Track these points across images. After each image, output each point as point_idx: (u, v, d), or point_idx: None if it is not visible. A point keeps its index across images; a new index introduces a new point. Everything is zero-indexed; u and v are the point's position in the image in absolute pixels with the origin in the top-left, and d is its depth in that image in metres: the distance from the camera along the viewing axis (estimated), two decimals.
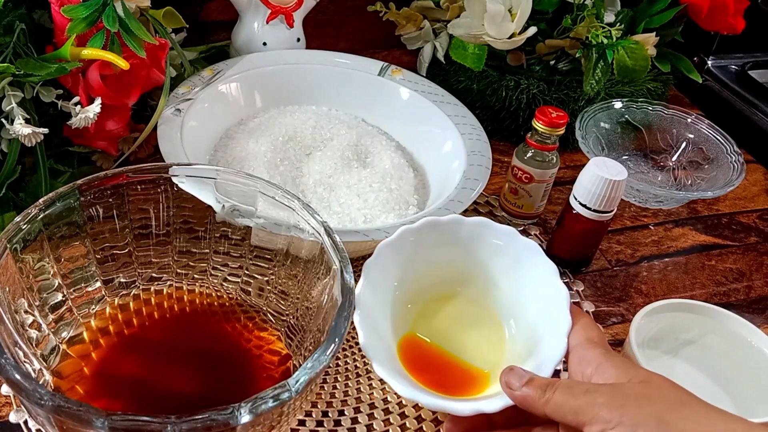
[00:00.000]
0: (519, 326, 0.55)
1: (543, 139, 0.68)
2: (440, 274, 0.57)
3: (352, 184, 0.66)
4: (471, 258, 0.56)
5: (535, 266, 0.54)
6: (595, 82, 0.77)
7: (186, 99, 0.68)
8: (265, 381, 0.49)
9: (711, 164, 0.80)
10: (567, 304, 0.50)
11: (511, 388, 0.44)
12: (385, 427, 0.53)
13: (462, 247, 0.56)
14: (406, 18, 0.86)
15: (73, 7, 0.58)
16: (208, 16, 0.88)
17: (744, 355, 0.57)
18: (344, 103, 0.78)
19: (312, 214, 0.48)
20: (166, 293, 0.54)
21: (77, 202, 0.48)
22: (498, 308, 0.56)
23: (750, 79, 1.04)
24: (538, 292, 0.53)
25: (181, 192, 0.51)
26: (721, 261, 0.74)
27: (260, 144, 0.68)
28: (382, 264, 0.52)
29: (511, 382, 0.44)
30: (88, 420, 0.35)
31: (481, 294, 0.57)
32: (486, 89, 0.82)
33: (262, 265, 0.53)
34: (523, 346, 0.53)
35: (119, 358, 0.49)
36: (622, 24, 0.80)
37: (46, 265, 0.47)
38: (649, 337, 0.59)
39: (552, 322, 0.50)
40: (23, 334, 0.45)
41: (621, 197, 0.64)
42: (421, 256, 0.55)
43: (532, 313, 0.54)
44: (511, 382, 0.44)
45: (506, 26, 0.74)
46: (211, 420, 0.36)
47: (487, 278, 0.56)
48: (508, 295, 0.56)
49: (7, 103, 0.56)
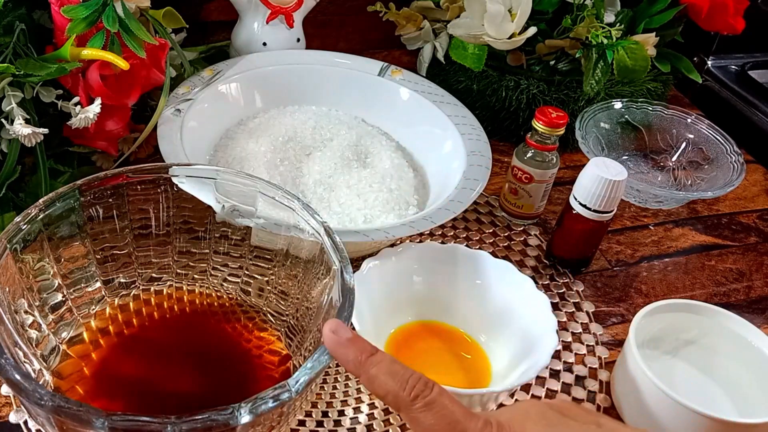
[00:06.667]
0: (506, 340, 0.58)
1: (543, 139, 0.68)
2: (413, 302, 0.59)
3: (352, 185, 0.66)
4: (445, 285, 0.60)
5: (513, 282, 0.58)
6: (595, 83, 0.77)
7: (186, 99, 0.68)
8: (265, 381, 0.49)
9: (711, 164, 0.80)
10: (549, 308, 0.55)
11: (337, 334, 0.39)
12: (385, 427, 0.53)
13: (438, 274, 0.59)
14: (406, 18, 0.86)
15: (73, 7, 0.58)
16: (208, 16, 0.88)
17: (744, 355, 0.57)
18: (344, 103, 0.78)
19: (312, 214, 0.48)
20: (166, 293, 0.54)
21: (77, 202, 0.48)
22: (477, 329, 0.59)
23: (750, 79, 1.04)
24: (522, 305, 0.57)
25: (181, 192, 0.51)
26: (721, 261, 0.74)
27: (260, 144, 0.68)
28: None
29: (338, 329, 0.39)
30: (88, 420, 0.35)
31: (457, 320, 0.60)
32: (486, 89, 0.82)
33: (262, 265, 0.53)
34: (511, 357, 0.56)
35: (119, 358, 0.49)
36: (622, 24, 0.80)
37: (46, 265, 0.47)
38: (649, 337, 0.59)
39: (539, 324, 0.55)
40: (23, 335, 0.45)
41: (621, 197, 0.64)
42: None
43: (519, 325, 0.57)
44: (338, 329, 0.39)
45: (506, 26, 0.74)
46: (211, 420, 0.35)
47: (464, 302, 0.60)
48: (490, 314, 0.59)
49: (7, 103, 0.56)
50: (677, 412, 0.51)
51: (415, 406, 0.36)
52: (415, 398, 0.37)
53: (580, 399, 0.57)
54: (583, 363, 0.60)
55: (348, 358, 0.38)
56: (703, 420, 0.50)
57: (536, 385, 0.58)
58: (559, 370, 0.59)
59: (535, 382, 0.58)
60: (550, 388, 0.58)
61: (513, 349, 0.56)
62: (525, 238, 0.72)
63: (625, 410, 0.56)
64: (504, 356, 0.56)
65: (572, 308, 0.65)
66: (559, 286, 0.67)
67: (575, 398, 0.57)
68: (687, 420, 0.51)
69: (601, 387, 0.59)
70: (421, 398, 0.37)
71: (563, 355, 0.61)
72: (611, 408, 0.57)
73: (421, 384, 0.37)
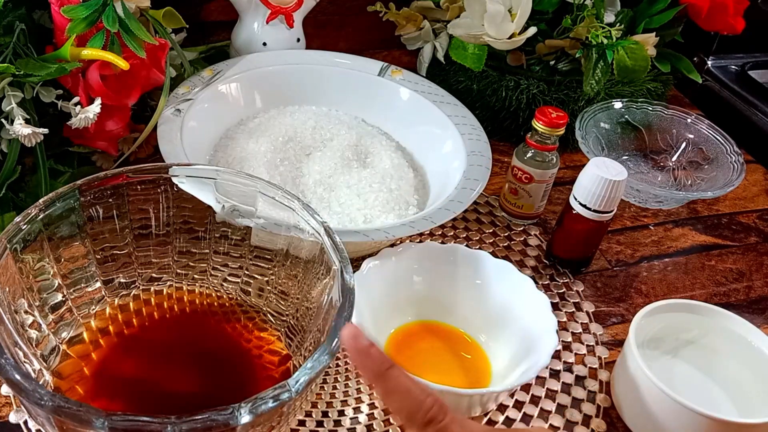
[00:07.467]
0: (506, 339, 0.57)
1: (543, 139, 0.68)
2: (411, 303, 0.59)
3: (352, 184, 0.66)
4: (446, 285, 0.60)
5: (513, 282, 0.58)
6: (595, 83, 0.77)
7: (186, 99, 0.68)
8: (265, 381, 0.49)
9: (711, 164, 0.80)
10: (549, 308, 0.55)
11: (357, 341, 0.38)
12: (385, 427, 0.53)
13: (438, 275, 0.59)
14: (406, 18, 0.86)
15: (73, 7, 0.58)
16: (208, 16, 0.88)
17: (744, 355, 0.57)
18: (344, 103, 0.78)
19: (312, 214, 0.48)
20: (166, 293, 0.54)
21: (77, 202, 0.48)
22: (478, 329, 0.59)
23: (750, 79, 1.04)
24: (522, 305, 0.57)
25: (181, 192, 0.51)
26: (721, 261, 0.74)
27: (260, 144, 0.68)
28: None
29: (359, 336, 0.38)
30: (88, 420, 0.35)
31: (457, 320, 0.60)
32: (486, 89, 0.82)
33: (262, 265, 0.53)
34: (511, 357, 0.56)
35: (119, 358, 0.49)
36: (622, 24, 0.80)
37: (46, 265, 0.47)
38: (649, 337, 0.59)
39: (539, 324, 0.55)
40: (23, 335, 0.45)
41: (621, 197, 0.64)
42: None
43: (519, 325, 0.57)
44: (359, 336, 0.38)
45: (506, 26, 0.74)
46: (211, 420, 0.36)
47: (465, 302, 0.60)
48: (490, 315, 0.59)
49: (7, 104, 0.56)
50: (677, 412, 0.51)
51: (426, 430, 0.37)
52: (429, 423, 0.37)
53: (580, 399, 0.57)
54: (583, 363, 0.60)
55: (366, 366, 0.38)
56: (703, 420, 0.50)
57: (536, 385, 0.58)
58: (559, 370, 0.59)
59: (535, 382, 0.58)
60: (550, 388, 0.58)
61: (513, 349, 0.56)
62: (525, 238, 0.72)
63: (625, 410, 0.56)
64: (504, 356, 0.56)
65: (572, 308, 0.65)
66: (559, 286, 0.67)
67: (575, 398, 0.57)
68: (687, 420, 0.51)
69: (601, 387, 0.59)
70: (434, 424, 0.37)
71: (563, 355, 0.61)
72: (611, 408, 0.57)
73: (436, 408, 0.37)
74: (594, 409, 0.57)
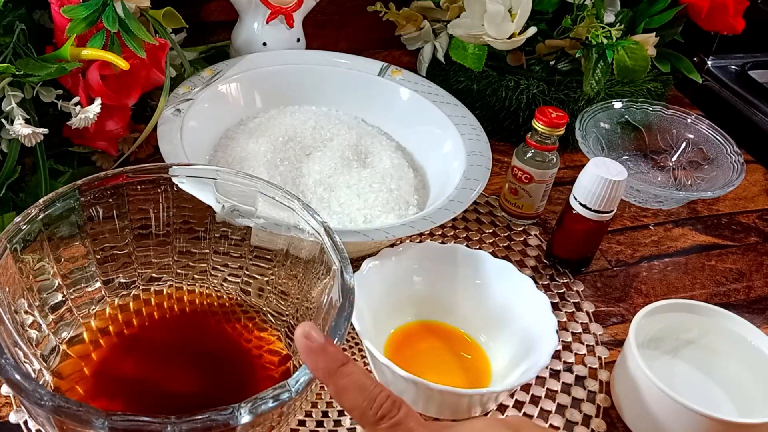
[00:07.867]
0: (506, 339, 0.57)
1: (543, 139, 0.68)
2: (413, 303, 0.59)
3: (352, 185, 0.66)
4: (446, 285, 0.60)
5: (513, 282, 0.58)
6: (595, 83, 0.77)
7: (186, 99, 0.68)
8: (265, 381, 0.49)
9: (711, 164, 0.80)
10: (549, 308, 0.55)
11: (309, 339, 0.37)
12: None
13: (438, 274, 0.59)
14: (406, 18, 0.86)
15: (73, 7, 0.58)
16: (208, 16, 0.88)
17: (744, 355, 0.57)
18: (344, 103, 0.78)
19: (312, 214, 0.48)
20: (166, 293, 0.54)
21: (77, 202, 0.48)
22: (478, 329, 0.59)
23: (750, 79, 1.04)
24: (522, 305, 0.57)
25: (181, 192, 0.51)
26: (721, 261, 0.74)
27: (260, 144, 0.68)
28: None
29: (311, 334, 0.37)
30: (88, 420, 0.35)
31: (457, 320, 0.60)
32: (486, 89, 0.82)
33: (262, 265, 0.53)
34: (511, 357, 0.56)
35: (119, 358, 0.49)
36: (622, 24, 0.80)
37: (46, 265, 0.47)
38: (649, 337, 0.59)
39: (539, 324, 0.55)
40: (23, 335, 0.45)
41: (621, 197, 0.64)
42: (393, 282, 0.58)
43: (519, 325, 0.57)
44: (311, 334, 0.37)
45: (506, 26, 0.74)
46: (211, 420, 0.35)
47: (465, 302, 0.60)
48: (490, 315, 0.59)
49: (7, 104, 0.56)
50: (677, 412, 0.51)
51: (380, 426, 0.36)
52: (381, 418, 0.36)
53: (580, 399, 0.57)
54: (583, 363, 0.60)
55: (318, 365, 0.37)
56: (703, 420, 0.50)
57: (536, 385, 0.58)
58: (559, 370, 0.59)
59: (535, 382, 0.58)
60: (550, 388, 0.58)
61: (513, 349, 0.56)
62: (525, 238, 0.72)
63: (625, 410, 0.56)
64: (504, 356, 0.56)
65: (572, 308, 0.65)
66: (559, 286, 0.67)
67: (575, 398, 0.57)
68: (687, 420, 0.51)
69: (601, 387, 0.59)
70: (387, 419, 0.36)
71: (563, 355, 0.61)
72: (611, 408, 0.57)
73: (389, 403, 0.36)
74: (594, 409, 0.57)
